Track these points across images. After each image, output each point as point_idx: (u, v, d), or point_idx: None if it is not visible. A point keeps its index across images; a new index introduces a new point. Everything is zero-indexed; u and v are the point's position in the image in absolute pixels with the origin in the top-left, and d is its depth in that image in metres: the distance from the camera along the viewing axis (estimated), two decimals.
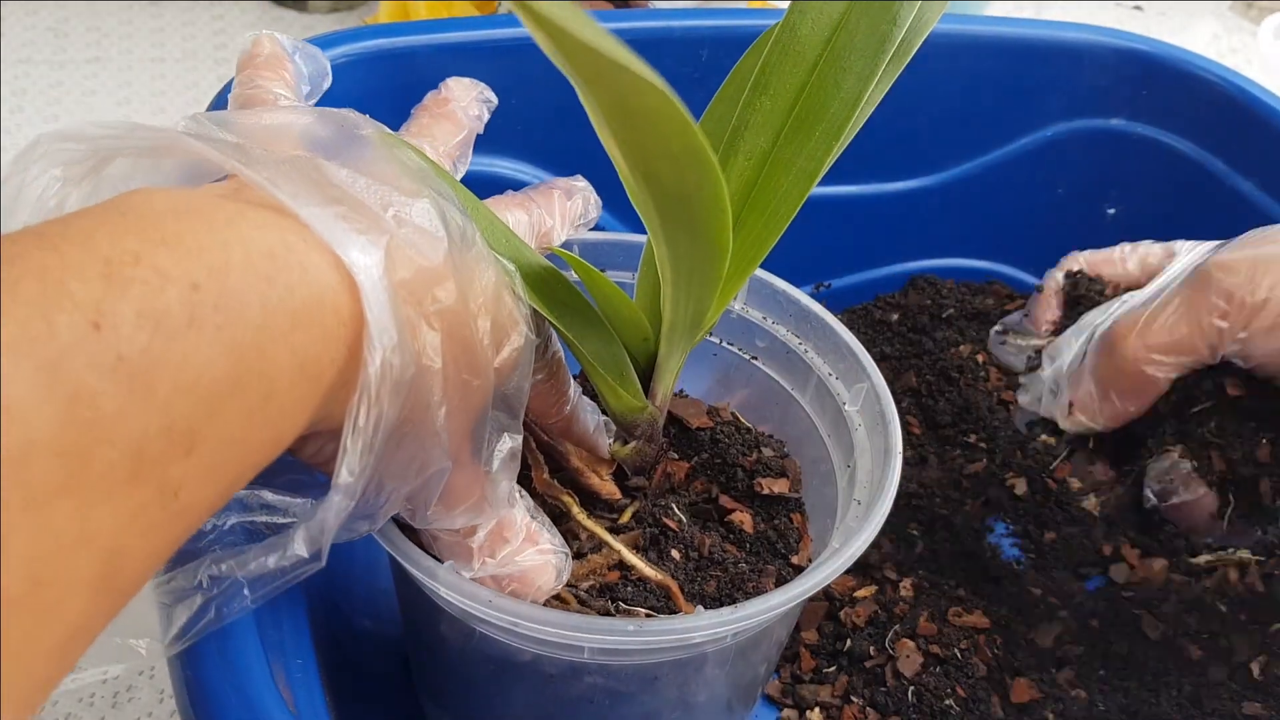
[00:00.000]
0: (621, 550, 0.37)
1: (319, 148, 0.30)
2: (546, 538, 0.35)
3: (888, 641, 0.49)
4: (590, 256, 0.45)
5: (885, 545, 0.55)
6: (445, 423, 0.29)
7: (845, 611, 0.51)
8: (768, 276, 0.46)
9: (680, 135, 0.25)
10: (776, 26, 0.34)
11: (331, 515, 0.28)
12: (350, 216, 0.26)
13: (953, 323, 0.67)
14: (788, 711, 0.48)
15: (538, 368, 0.35)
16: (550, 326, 0.35)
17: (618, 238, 0.46)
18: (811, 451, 0.45)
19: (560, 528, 0.37)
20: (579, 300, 0.36)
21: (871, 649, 0.49)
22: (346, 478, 0.27)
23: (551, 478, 0.39)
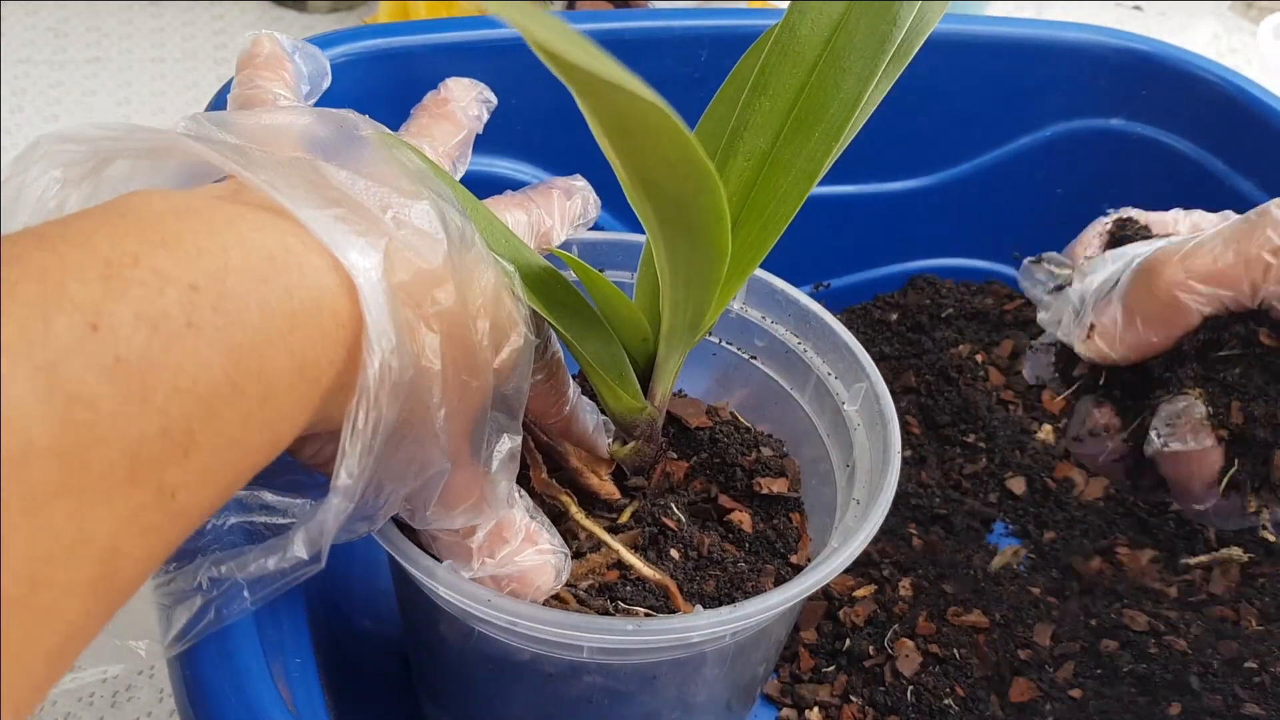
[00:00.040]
0: (620, 550, 0.37)
1: (318, 148, 0.30)
2: (546, 538, 0.35)
3: (887, 641, 0.49)
4: (589, 256, 0.45)
5: (884, 544, 0.55)
6: (444, 424, 0.29)
7: (844, 611, 0.51)
8: (767, 276, 0.46)
9: (678, 146, 0.25)
10: (776, 27, 0.34)
11: (331, 517, 0.28)
12: (349, 218, 0.26)
13: (952, 322, 0.67)
14: (787, 711, 0.49)
15: (537, 368, 0.36)
16: (549, 327, 0.35)
17: (617, 238, 0.46)
18: (810, 451, 0.45)
19: (559, 527, 0.37)
20: (578, 301, 0.36)
21: (870, 648, 0.49)
22: (345, 480, 0.27)
23: (550, 477, 0.39)
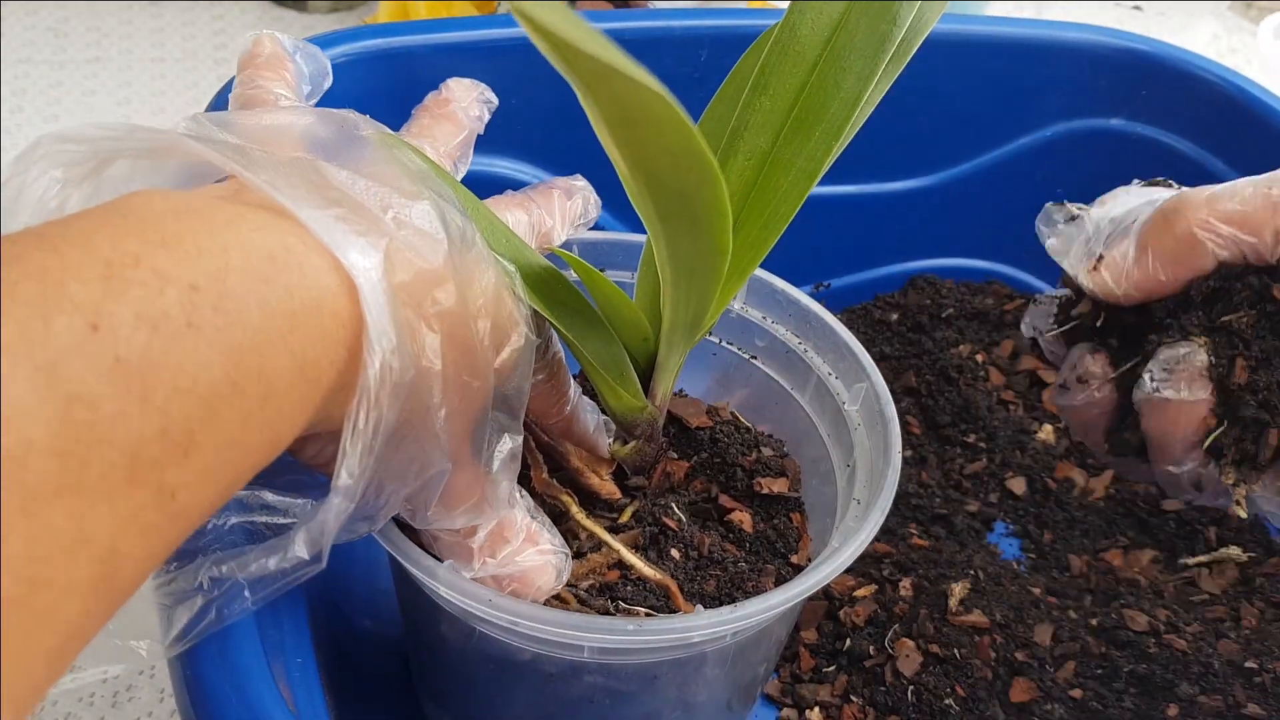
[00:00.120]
0: (621, 550, 0.37)
1: (319, 148, 0.30)
2: (546, 538, 0.35)
3: (887, 641, 0.49)
4: (590, 256, 0.45)
5: (885, 544, 0.55)
6: (445, 424, 0.29)
7: (845, 611, 0.51)
8: (767, 276, 0.46)
9: (680, 138, 0.25)
10: (776, 26, 0.34)
11: (331, 517, 0.28)
12: (350, 219, 0.26)
13: (952, 322, 0.67)
14: (787, 711, 0.49)
15: (538, 368, 0.36)
16: (550, 327, 0.35)
17: (617, 237, 0.46)
18: (811, 451, 0.45)
19: (560, 527, 0.37)
20: (579, 300, 0.36)
21: (871, 648, 0.49)
22: (346, 480, 0.27)
23: (551, 477, 0.39)
